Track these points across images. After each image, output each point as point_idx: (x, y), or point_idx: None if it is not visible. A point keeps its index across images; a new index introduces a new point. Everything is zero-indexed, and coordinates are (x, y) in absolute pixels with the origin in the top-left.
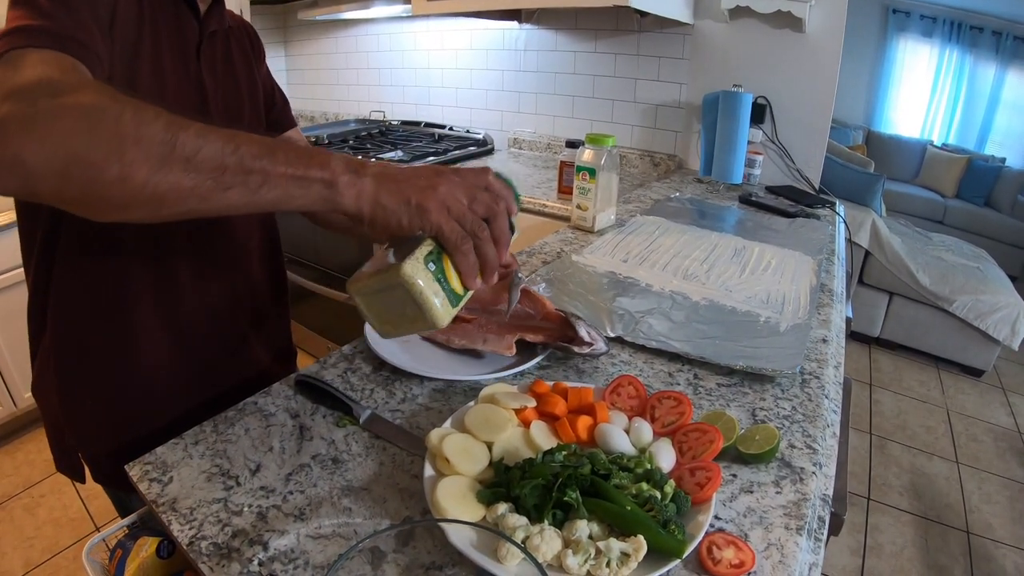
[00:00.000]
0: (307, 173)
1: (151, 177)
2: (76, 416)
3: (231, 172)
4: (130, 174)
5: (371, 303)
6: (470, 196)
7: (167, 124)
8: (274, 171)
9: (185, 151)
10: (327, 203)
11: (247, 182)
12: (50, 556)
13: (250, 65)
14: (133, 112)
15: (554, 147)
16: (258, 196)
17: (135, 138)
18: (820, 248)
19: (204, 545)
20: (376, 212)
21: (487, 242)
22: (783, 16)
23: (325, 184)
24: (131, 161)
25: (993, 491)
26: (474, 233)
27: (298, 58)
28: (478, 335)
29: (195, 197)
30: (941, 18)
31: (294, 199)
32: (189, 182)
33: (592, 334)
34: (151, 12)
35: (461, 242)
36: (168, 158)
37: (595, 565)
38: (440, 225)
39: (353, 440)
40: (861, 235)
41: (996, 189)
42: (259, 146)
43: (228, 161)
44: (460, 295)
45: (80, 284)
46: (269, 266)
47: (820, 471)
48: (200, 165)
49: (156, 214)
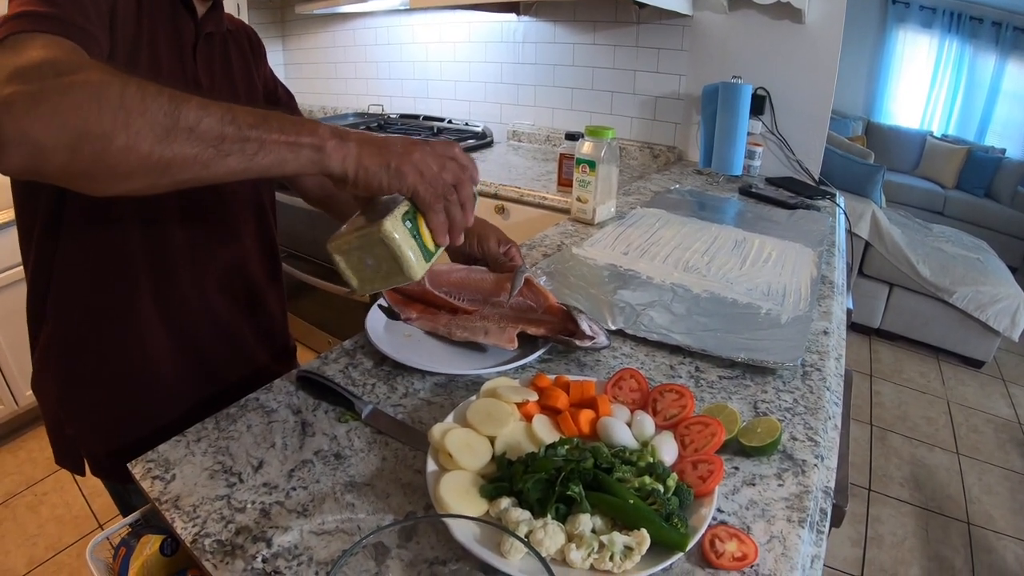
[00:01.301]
0: (298, 139)
1: (155, 146)
2: (75, 410)
3: (230, 140)
4: (136, 144)
5: (350, 259)
6: (440, 164)
7: (170, 97)
8: (268, 138)
9: (188, 122)
10: (316, 166)
11: (244, 149)
12: (53, 554)
13: (249, 69)
14: (137, 86)
15: (553, 139)
16: (254, 161)
17: (140, 110)
18: (820, 240)
19: (208, 542)
20: (359, 174)
21: (455, 204)
22: (782, 7)
23: (314, 148)
24: (137, 131)
25: (994, 482)
26: (444, 195)
27: (296, 52)
28: (479, 327)
29: (198, 164)
30: (941, 8)
31: (287, 163)
32: (192, 150)
33: (593, 328)
34: (149, 10)
35: (434, 201)
36: (172, 129)
37: (598, 559)
38: (416, 186)
39: (355, 436)
40: (861, 226)
41: (996, 180)
42: (254, 116)
43: (227, 130)
44: (432, 251)
45: (79, 276)
46: (262, 245)
47: (822, 463)
48: (202, 135)
49: (157, 183)
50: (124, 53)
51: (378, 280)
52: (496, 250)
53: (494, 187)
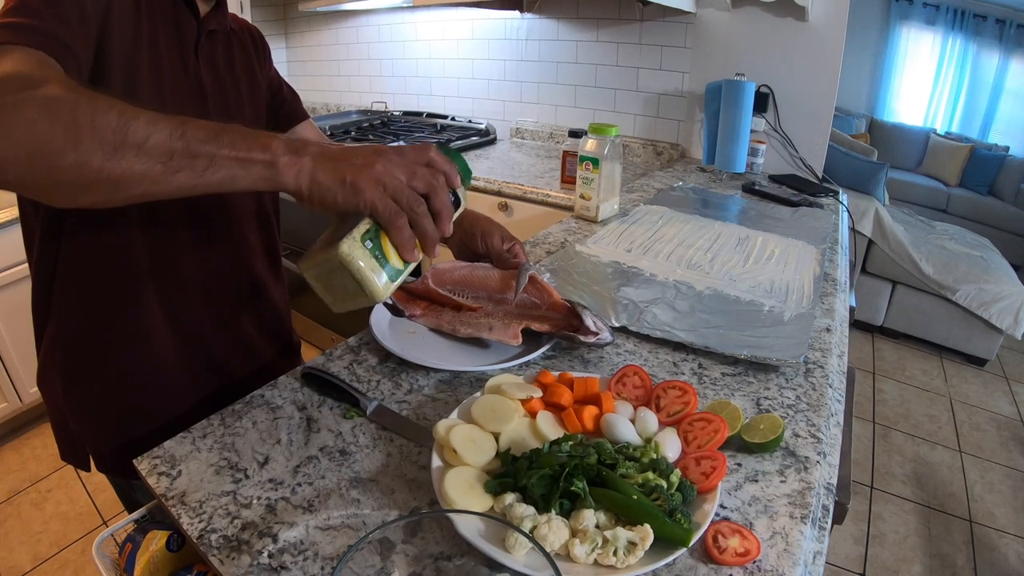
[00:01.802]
0: (249, 155)
1: (105, 163)
2: (80, 406)
3: (178, 156)
4: (86, 160)
5: (318, 280)
6: (408, 172)
7: (119, 113)
8: (219, 154)
9: (136, 138)
10: (268, 182)
11: (193, 165)
12: (58, 550)
13: (252, 68)
14: (88, 102)
15: (557, 137)
16: (204, 178)
17: (90, 127)
18: (823, 237)
19: (214, 538)
20: (313, 189)
21: (423, 216)
22: (786, 4)
23: (266, 165)
24: (86, 149)
25: (996, 480)
26: (410, 208)
27: (299, 50)
28: (484, 323)
29: (147, 180)
30: (944, 6)
31: (238, 180)
32: (140, 167)
33: (598, 323)
34: (148, 9)
35: (395, 217)
36: (120, 145)
37: (602, 554)
38: (373, 202)
39: (360, 432)
40: (864, 224)
41: (999, 178)
42: (205, 131)
43: (175, 146)
44: (400, 269)
45: (83, 274)
46: (264, 239)
47: (824, 460)
48: (150, 151)
49: (112, 197)
50: (122, 53)
51: (348, 300)
52: (500, 247)
53: (497, 184)
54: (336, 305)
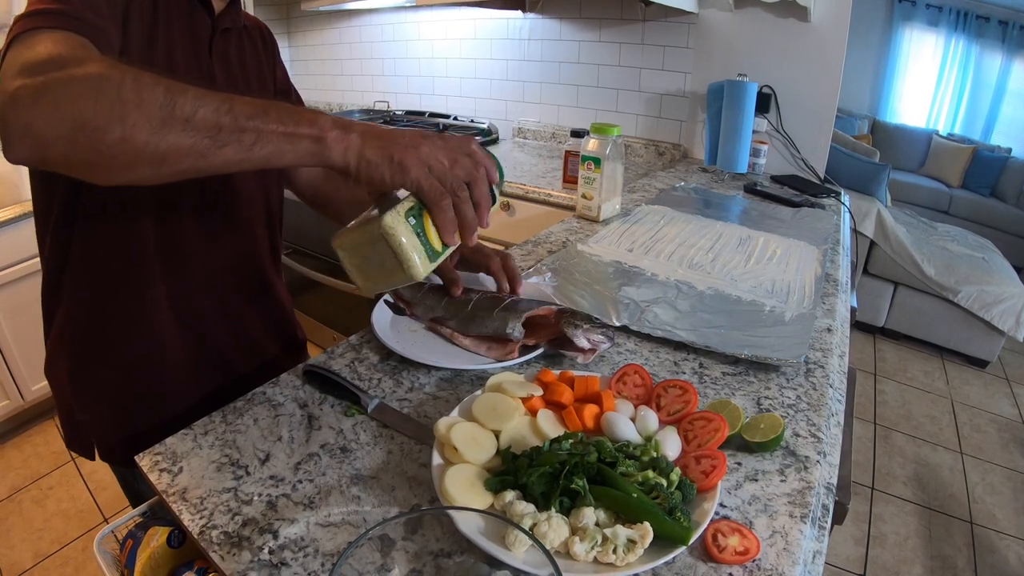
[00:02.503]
0: (297, 130)
1: (151, 137)
2: (86, 396)
3: (226, 131)
4: (132, 135)
5: (353, 257)
6: (451, 159)
7: (166, 89)
8: (266, 128)
9: (184, 113)
10: (315, 157)
11: (241, 140)
12: (59, 547)
13: (262, 66)
14: (134, 79)
15: (559, 136)
16: (252, 152)
17: (136, 102)
18: (825, 238)
19: (215, 534)
20: (361, 165)
21: (466, 202)
22: (788, 5)
23: (314, 140)
24: (133, 123)
25: (997, 482)
26: (453, 191)
27: (301, 49)
28: (481, 343)
29: (194, 154)
30: (947, 7)
31: (285, 154)
32: (188, 141)
33: (593, 338)
34: (165, 6)
35: (439, 198)
36: (168, 120)
37: (602, 552)
38: (419, 181)
39: (361, 429)
40: (866, 225)
41: (1002, 179)
42: (252, 106)
43: (223, 121)
44: (439, 251)
45: (93, 265)
46: (270, 235)
47: (824, 460)
48: (198, 125)
49: (158, 172)
50: (139, 48)
51: (381, 279)
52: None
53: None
54: (367, 284)
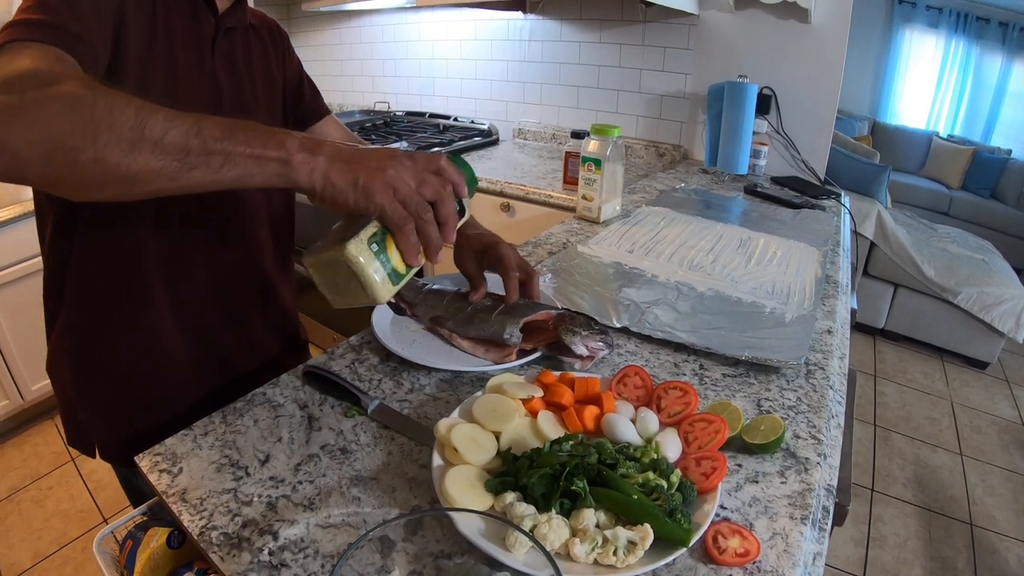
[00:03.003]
0: (264, 152)
1: (122, 159)
2: (87, 396)
3: (195, 153)
4: (104, 156)
5: (322, 275)
6: (418, 179)
7: (137, 110)
8: (234, 151)
9: (153, 135)
10: (283, 179)
11: (209, 162)
12: (59, 548)
13: (269, 64)
14: (106, 99)
15: (559, 137)
16: (220, 175)
17: (108, 124)
18: (825, 239)
19: (214, 535)
20: (326, 189)
21: (430, 223)
22: (788, 6)
23: (281, 162)
24: (104, 144)
25: (997, 483)
26: (417, 214)
27: (302, 50)
28: (479, 345)
29: (164, 176)
30: (947, 8)
31: (253, 176)
32: (157, 163)
33: (591, 345)
34: (164, 6)
35: (403, 223)
36: (137, 142)
37: (602, 553)
38: (383, 206)
39: (361, 430)
40: (866, 226)
41: (1002, 181)
42: (221, 128)
43: (192, 143)
44: (402, 274)
45: (94, 267)
46: (276, 236)
47: (824, 461)
48: (167, 147)
49: (129, 192)
50: (138, 50)
51: (349, 297)
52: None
53: (500, 185)
54: (336, 302)
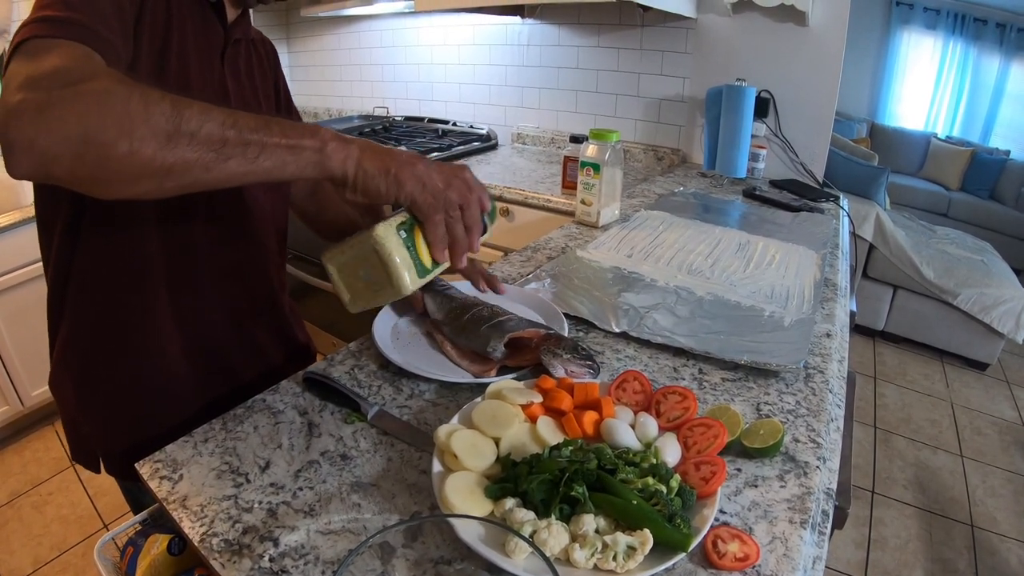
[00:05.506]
0: (299, 142)
1: (158, 152)
2: (91, 408)
3: (231, 144)
4: (139, 149)
5: (343, 271)
6: (446, 181)
7: (173, 103)
8: (269, 141)
9: (190, 127)
10: (317, 167)
11: (245, 152)
12: (59, 554)
13: (267, 77)
14: (140, 94)
15: (558, 142)
16: (256, 164)
17: (144, 117)
18: (824, 242)
19: (215, 542)
20: (359, 176)
21: (458, 221)
22: (786, 9)
23: (315, 151)
24: (140, 137)
25: (997, 485)
26: (445, 209)
27: (301, 55)
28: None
29: (199, 167)
30: (945, 10)
31: (287, 165)
32: (193, 155)
33: (572, 370)
34: (179, 16)
35: (432, 212)
36: (174, 134)
37: (602, 559)
38: (414, 194)
39: (361, 436)
40: (865, 228)
41: (1000, 182)
42: (255, 120)
43: (228, 134)
44: (428, 268)
45: (98, 277)
46: (279, 246)
47: (824, 465)
48: (203, 139)
49: (161, 186)
50: (151, 57)
51: (369, 293)
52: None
53: (499, 189)
54: (355, 300)
